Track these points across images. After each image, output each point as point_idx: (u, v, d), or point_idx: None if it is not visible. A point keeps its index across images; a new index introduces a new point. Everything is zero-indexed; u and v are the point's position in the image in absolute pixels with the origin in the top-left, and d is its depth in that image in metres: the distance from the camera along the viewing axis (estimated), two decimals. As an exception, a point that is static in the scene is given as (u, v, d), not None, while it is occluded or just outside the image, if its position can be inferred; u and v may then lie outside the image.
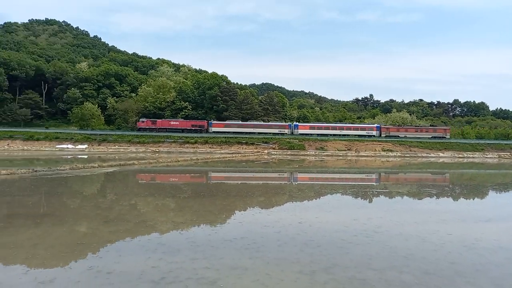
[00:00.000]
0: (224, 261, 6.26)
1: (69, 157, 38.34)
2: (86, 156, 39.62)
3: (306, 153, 56.32)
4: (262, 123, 68.40)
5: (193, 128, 66.15)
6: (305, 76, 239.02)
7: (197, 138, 62.67)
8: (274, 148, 60.00)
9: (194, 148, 59.57)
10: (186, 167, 28.50)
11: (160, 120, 68.05)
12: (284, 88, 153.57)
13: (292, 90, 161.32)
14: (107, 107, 77.31)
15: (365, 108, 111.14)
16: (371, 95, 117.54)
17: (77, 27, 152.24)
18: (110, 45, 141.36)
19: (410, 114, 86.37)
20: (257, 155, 50.20)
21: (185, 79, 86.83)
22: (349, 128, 67.03)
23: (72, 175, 19.64)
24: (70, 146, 58.33)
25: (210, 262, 6.17)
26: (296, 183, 20.85)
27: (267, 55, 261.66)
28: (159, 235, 7.90)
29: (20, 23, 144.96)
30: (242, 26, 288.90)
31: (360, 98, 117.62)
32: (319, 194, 15.60)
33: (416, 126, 71.92)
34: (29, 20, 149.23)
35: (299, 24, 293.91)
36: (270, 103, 79.24)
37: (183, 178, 22.29)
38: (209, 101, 75.97)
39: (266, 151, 56.92)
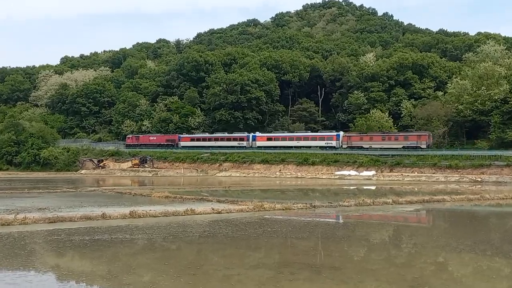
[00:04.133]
0: None
1: (351, 187, 41.94)
2: (373, 187, 42.28)
3: None
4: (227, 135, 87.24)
5: (166, 143, 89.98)
6: None
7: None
8: None
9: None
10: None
11: (142, 136, 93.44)
12: None
13: None
14: (402, 115, 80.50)
15: None
16: None
17: (361, 5, 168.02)
18: (405, 24, 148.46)
19: None
20: None
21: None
22: (306, 138, 79.81)
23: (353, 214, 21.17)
24: (352, 172, 63.88)
25: None
26: None
27: None
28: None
29: (292, 11, 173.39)
30: None
31: None
32: None
33: (383, 133, 74.13)
34: (303, 6, 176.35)
35: None
36: None
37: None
38: None
39: None
